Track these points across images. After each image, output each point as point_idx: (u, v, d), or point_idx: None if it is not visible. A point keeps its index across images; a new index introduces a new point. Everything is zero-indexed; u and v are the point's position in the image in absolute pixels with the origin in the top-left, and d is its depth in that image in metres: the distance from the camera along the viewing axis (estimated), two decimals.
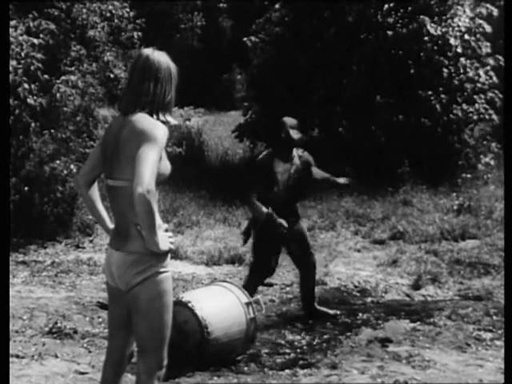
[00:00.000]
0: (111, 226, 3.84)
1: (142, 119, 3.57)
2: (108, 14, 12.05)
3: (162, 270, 3.59)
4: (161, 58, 3.71)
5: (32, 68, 9.49)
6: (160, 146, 3.49)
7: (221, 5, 31.02)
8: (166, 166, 3.65)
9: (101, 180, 3.85)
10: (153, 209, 3.38)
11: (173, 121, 3.71)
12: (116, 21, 12.38)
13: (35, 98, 9.52)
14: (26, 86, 9.35)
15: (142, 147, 3.45)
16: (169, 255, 3.65)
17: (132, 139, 3.53)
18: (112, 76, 11.60)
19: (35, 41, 9.66)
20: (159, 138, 3.50)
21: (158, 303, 3.60)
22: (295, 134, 6.91)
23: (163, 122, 3.65)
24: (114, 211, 3.75)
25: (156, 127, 3.54)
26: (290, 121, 7.03)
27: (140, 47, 13.53)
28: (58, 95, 9.94)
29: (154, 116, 3.63)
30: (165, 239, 3.56)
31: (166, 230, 3.64)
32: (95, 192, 3.86)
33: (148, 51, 3.74)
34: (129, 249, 3.58)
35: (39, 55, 9.64)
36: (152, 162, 3.41)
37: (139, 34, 13.06)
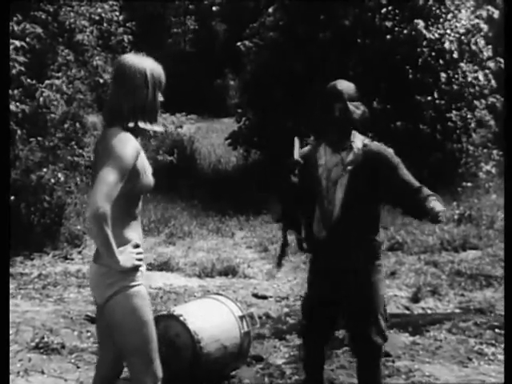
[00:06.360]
0: None
1: (113, 135, 3.51)
2: (97, 18, 12.02)
3: (131, 284, 3.57)
4: (136, 62, 3.60)
5: (14, 72, 9.42)
6: (125, 165, 3.43)
7: (214, 8, 31.08)
8: (147, 181, 3.61)
9: None
10: (104, 230, 3.35)
11: (156, 128, 3.66)
12: (105, 24, 12.36)
13: (17, 104, 9.49)
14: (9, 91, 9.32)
15: (104, 166, 3.42)
16: (141, 269, 3.64)
17: (101, 156, 3.51)
18: (101, 81, 11.55)
19: (17, 43, 9.58)
20: (124, 157, 3.44)
21: (132, 318, 3.58)
22: (357, 110, 4.61)
23: (143, 131, 3.61)
24: None
25: (123, 144, 3.47)
26: (348, 89, 4.65)
27: (130, 51, 13.52)
28: (41, 100, 9.90)
29: (136, 124, 3.56)
30: (129, 256, 3.54)
31: (137, 246, 3.61)
32: None
33: (124, 57, 3.67)
34: (100, 261, 3.58)
35: (22, 58, 9.59)
36: (109, 183, 3.37)
37: (129, 37, 13.03)
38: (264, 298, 8.14)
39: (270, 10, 15.87)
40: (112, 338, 3.69)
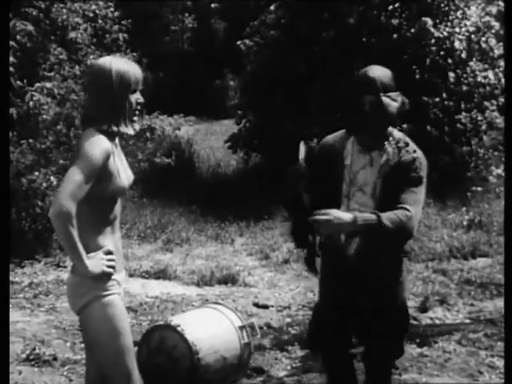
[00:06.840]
0: None
1: (85, 136, 3.61)
2: (91, 15, 12.03)
3: (104, 293, 3.62)
4: (102, 63, 3.67)
5: None
6: (91, 165, 3.50)
7: (213, 6, 31.08)
8: (119, 184, 3.66)
9: None
10: (68, 229, 3.42)
11: (124, 130, 3.69)
12: (100, 22, 12.36)
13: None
14: None
15: (72, 166, 3.52)
16: (116, 278, 3.68)
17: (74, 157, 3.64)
18: None
19: None
20: (91, 157, 3.51)
21: (107, 328, 3.62)
22: (393, 102, 4.03)
23: (119, 134, 3.68)
24: None
25: (92, 146, 3.54)
26: (382, 77, 4.03)
27: (126, 50, 13.51)
28: (31, 103, 9.89)
29: (101, 126, 3.63)
30: (99, 262, 3.58)
31: (109, 253, 3.65)
32: None
33: (96, 60, 3.79)
34: (73, 270, 3.66)
35: (11, 59, 9.56)
36: (74, 181, 3.46)
37: (125, 35, 13.02)
38: (265, 307, 8.12)
39: (272, 7, 15.84)
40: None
